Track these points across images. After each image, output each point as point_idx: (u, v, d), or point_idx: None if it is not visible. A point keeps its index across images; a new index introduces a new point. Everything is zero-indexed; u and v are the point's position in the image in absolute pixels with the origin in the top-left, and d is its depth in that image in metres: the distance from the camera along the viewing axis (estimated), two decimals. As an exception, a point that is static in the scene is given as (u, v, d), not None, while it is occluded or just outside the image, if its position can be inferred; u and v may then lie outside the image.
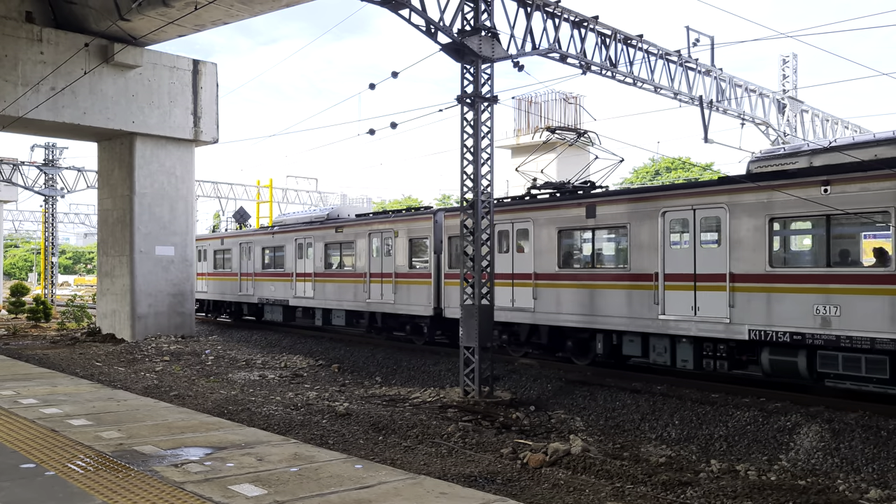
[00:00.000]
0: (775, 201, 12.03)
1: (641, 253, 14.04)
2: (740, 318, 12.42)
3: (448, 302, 18.24)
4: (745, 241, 12.43)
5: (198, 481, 6.13)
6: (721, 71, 23.50)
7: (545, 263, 15.94)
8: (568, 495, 8.25)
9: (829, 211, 11.36)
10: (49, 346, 23.22)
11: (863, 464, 9.84)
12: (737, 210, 12.54)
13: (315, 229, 23.61)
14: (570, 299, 15.30)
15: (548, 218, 15.90)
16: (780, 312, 11.92)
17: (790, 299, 11.80)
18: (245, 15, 21.16)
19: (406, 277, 19.67)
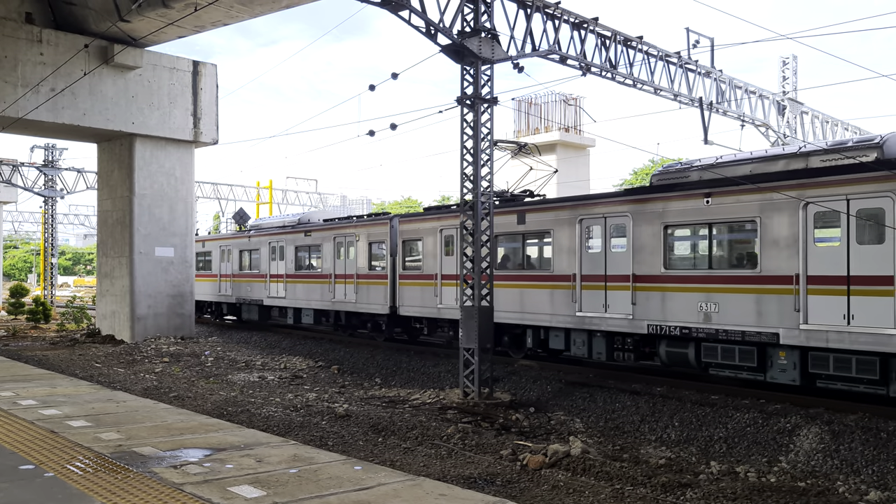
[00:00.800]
0: (669, 210, 13.68)
1: (562, 256, 15.58)
2: (641, 315, 13.99)
3: (402, 301, 19.83)
4: (645, 246, 13.99)
5: (197, 483, 6.13)
6: (721, 72, 23.51)
7: None
8: (567, 497, 8.24)
9: (710, 220, 13.09)
10: (48, 347, 23.21)
11: (862, 465, 9.83)
12: (639, 218, 14.11)
13: (287, 233, 25.12)
14: (505, 298, 16.52)
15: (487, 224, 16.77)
16: (672, 309, 13.51)
17: (680, 297, 13.40)
18: (245, 16, 21.16)
19: (366, 278, 21.14)
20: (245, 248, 27.76)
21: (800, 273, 11.76)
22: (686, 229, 13.76)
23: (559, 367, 16.07)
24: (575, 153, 40.33)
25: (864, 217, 11.11)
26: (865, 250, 11.10)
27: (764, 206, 12.34)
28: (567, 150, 39.96)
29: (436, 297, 18.73)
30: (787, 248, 12.00)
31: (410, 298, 19.42)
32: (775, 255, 12.16)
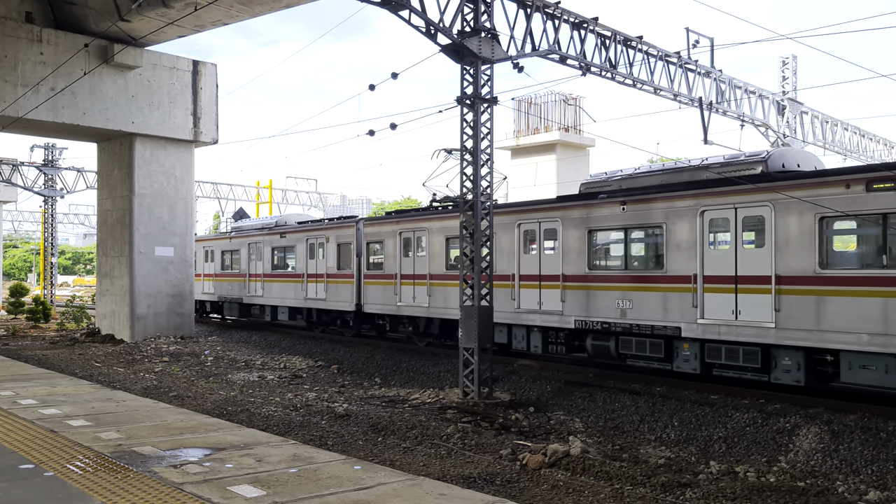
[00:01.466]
0: (592, 216, 15.05)
1: (503, 257, 16.82)
2: (569, 311, 15.36)
3: (367, 299, 21.26)
4: (572, 249, 15.39)
5: (197, 482, 6.13)
6: (721, 72, 23.51)
7: (436, 265, 18.74)
8: (567, 497, 8.24)
9: (625, 225, 14.53)
10: (48, 346, 23.21)
11: (862, 465, 9.84)
12: (567, 223, 15.49)
13: (264, 235, 26.49)
14: (455, 296, 17.28)
15: (439, 227, 18.78)
16: (595, 306, 14.85)
17: (601, 295, 14.80)
18: (245, 16, 21.16)
19: (335, 277, 22.55)
20: (227, 249, 28.99)
21: (697, 273, 13.16)
22: (606, 233, 15.16)
23: (559, 367, 16.09)
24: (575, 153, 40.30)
25: (748, 223, 12.58)
26: (750, 253, 12.52)
27: (669, 213, 13.76)
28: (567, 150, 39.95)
29: (395, 295, 20.08)
30: (687, 250, 13.39)
31: (374, 297, 20.90)
32: (678, 257, 13.57)
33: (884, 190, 10.87)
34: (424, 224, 19.16)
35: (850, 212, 11.33)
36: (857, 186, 11.25)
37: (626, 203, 14.45)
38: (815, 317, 11.57)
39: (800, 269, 11.82)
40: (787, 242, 12.01)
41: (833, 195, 11.47)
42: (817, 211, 11.63)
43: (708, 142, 22.68)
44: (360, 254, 21.56)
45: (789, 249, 11.98)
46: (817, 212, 11.63)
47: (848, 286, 11.28)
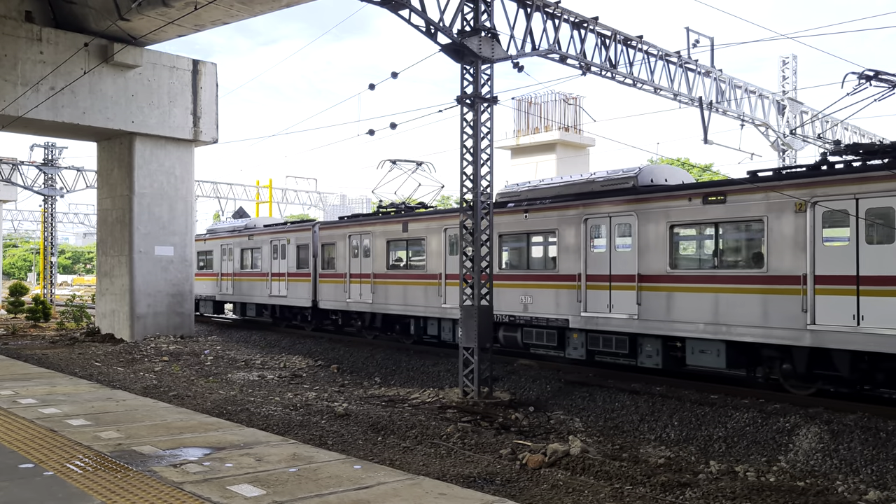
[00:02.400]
0: (501, 222, 16.81)
1: (432, 258, 18.74)
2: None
3: (321, 296, 23.18)
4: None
5: (196, 481, 6.13)
6: (721, 72, 23.50)
7: (379, 265, 20.71)
8: (567, 496, 8.24)
9: (527, 230, 16.58)
10: (48, 345, 23.21)
11: (862, 465, 9.84)
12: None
13: (234, 237, 28.42)
14: (394, 293, 19.98)
15: (381, 231, 20.73)
16: (505, 302, 16.66)
17: (509, 292, 16.74)
18: (245, 15, 21.15)
19: (295, 276, 24.53)
20: (201, 250, 30.77)
21: (581, 273, 15.14)
22: (512, 238, 17.15)
23: (559, 367, 16.09)
24: (575, 153, 40.31)
25: (620, 230, 14.61)
26: (621, 255, 14.56)
27: (560, 220, 15.70)
28: (567, 150, 39.96)
29: (345, 292, 22.01)
30: (574, 253, 15.37)
31: (327, 294, 22.90)
32: (567, 259, 15.50)
33: (716, 203, 12.98)
34: (369, 228, 21.16)
35: (691, 221, 13.51)
36: (696, 200, 13.28)
37: (528, 211, 16.50)
38: (667, 309, 13.66)
39: (656, 269, 13.87)
40: (648, 246, 14.00)
41: (679, 207, 13.58)
42: (668, 220, 13.71)
43: (708, 141, 22.68)
44: (316, 255, 23.52)
45: (649, 252, 14.00)
46: (668, 220, 13.72)
47: (689, 283, 13.41)
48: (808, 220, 11.70)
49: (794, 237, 11.88)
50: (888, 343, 10.73)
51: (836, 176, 11.54)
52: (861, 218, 11.05)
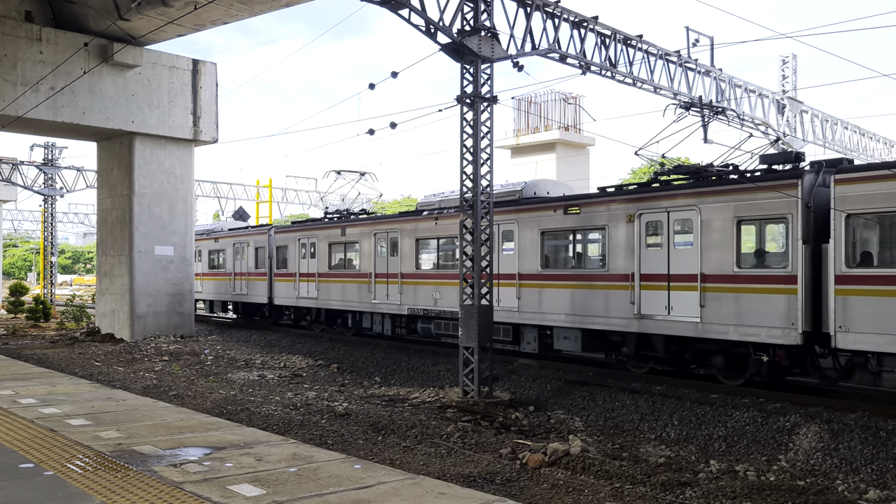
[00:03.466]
0: (418, 228, 19.48)
1: (364, 259, 21.52)
2: (405, 301, 19.76)
3: (276, 293, 25.96)
4: (406, 253, 19.83)
5: (196, 481, 6.13)
6: (721, 71, 23.50)
7: (322, 266, 23.43)
8: (567, 495, 8.24)
9: (437, 235, 19.03)
10: (48, 345, 23.21)
11: (862, 464, 9.84)
12: (403, 234, 20.00)
13: (202, 239, 30.73)
14: (335, 291, 22.71)
15: (324, 235, 23.37)
16: (420, 297, 19.12)
17: (424, 289, 19.10)
18: (244, 15, 21.14)
19: (254, 276, 27.19)
20: None
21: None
22: (427, 242, 19.47)
23: (559, 366, 16.10)
24: (574, 152, 40.32)
25: (505, 236, 17.13)
26: (506, 256, 17.02)
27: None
28: (566, 149, 39.98)
29: (295, 290, 24.59)
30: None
31: (281, 291, 25.51)
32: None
33: (573, 214, 15.32)
34: (315, 233, 23.89)
35: (556, 228, 15.98)
36: (559, 211, 15.80)
37: (438, 219, 18.89)
38: (539, 303, 16.10)
39: (531, 269, 16.39)
40: (525, 249, 16.52)
41: (548, 216, 16.08)
42: (540, 227, 16.18)
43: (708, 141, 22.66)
44: (272, 256, 26.10)
45: (526, 254, 16.49)
46: (540, 228, 16.18)
47: (555, 281, 15.90)
48: (636, 229, 14.27)
49: (626, 242, 14.46)
50: (689, 328, 13.33)
51: (654, 193, 14.22)
52: (670, 226, 13.82)
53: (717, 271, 12.98)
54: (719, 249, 12.95)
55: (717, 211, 13.04)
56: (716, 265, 13.01)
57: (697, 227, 13.28)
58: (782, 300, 12.06)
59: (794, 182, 12.05)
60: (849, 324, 11.23)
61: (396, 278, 20.02)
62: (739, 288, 12.66)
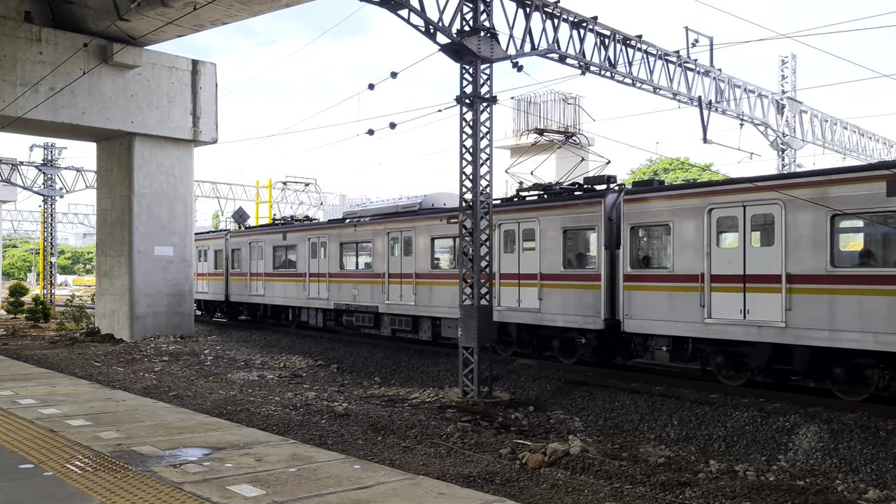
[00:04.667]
0: (342, 234, 22.49)
1: (301, 260, 24.38)
2: (332, 298, 22.80)
3: (231, 291, 28.54)
4: (332, 255, 22.85)
5: (196, 482, 6.13)
6: (720, 71, 23.51)
7: (268, 266, 26.14)
8: (567, 496, 8.25)
9: (356, 240, 21.89)
10: (48, 346, 23.21)
11: (861, 464, 9.85)
12: (331, 238, 23.00)
13: None
14: (279, 289, 25.62)
15: (269, 240, 26.35)
16: (342, 294, 22.25)
17: (346, 287, 22.18)
18: (244, 15, 21.14)
19: (213, 276, 29.82)
20: None
21: (385, 272, 20.43)
22: (348, 245, 22.38)
23: (559, 367, 16.09)
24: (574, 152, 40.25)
25: (404, 241, 19.88)
26: (406, 259, 19.70)
27: (373, 233, 21.03)
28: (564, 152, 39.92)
29: (247, 288, 27.33)
30: (381, 257, 20.71)
31: (235, 289, 28.33)
32: (377, 262, 20.84)
33: (455, 222, 16.12)
34: (263, 237, 26.67)
35: (441, 235, 18.75)
36: (444, 220, 18.39)
37: (357, 226, 21.74)
38: (429, 298, 18.84)
39: (423, 268, 19.11)
40: (419, 252, 19.25)
41: (436, 224, 18.79)
42: (431, 234, 18.98)
43: (707, 141, 22.68)
44: (228, 258, 28.74)
45: (419, 256, 19.29)
46: (430, 234, 18.99)
47: (440, 279, 18.64)
48: (497, 236, 16.78)
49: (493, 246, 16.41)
50: (531, 317, 16.22)
51: (508, 207, 17.13)
52: (520, 234, 16.64)
53: (550, 271, 15.82)
54: (551, 253, 15.82)
55: (550, 222, 15.89)
56: (549, 266, 15.87)
57: (538, 235, 16.10)
58: (591, 294, 14.95)
59: (600, 200, 14.96)
60: (632, 312, 14.16)
61: (325, 278, 23.01)
62: (564, 284, 15.57)
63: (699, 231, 13.11)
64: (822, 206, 11.56)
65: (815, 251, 11.65)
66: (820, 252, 11.58)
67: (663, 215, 13.73)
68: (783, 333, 11.88)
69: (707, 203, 13.03)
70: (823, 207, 11.54)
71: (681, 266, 13.38)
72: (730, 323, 12.53)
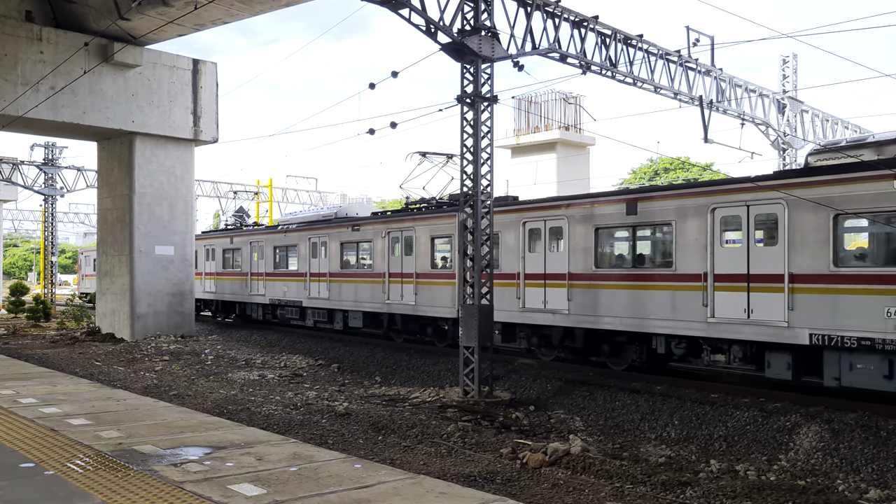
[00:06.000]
0: (275, 238, 26.06)
1: (244, 261, 27.86)
2: (269, 294, 26.16)
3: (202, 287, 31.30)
4: (268, 257, 26.40)
5: (197, 481, 6.13)
6: (721, 71, 23.49)
7: (219, 266, 29.80)
8: (567, 495, 8.24)
9: (284, 244, 25.61)
10: (48, 345, 23.22)
11: (862, 464, 9.84)
12: (266, 243, 26.47)
13: None
14: (227, 286, 29.02)
15: (219, 243, 29.92)
16: (273, 291, 25.76)
17: (278, 284, 25.67)
18: (244, 14, 21.14)
19: None
20: None
21: (307, 271, 24.03)
22: (280, 248, 25.85)
23: (559, 366, 16.09)
24: (575, 152, 40.30)
25: (318, 245, 23.54)
26: (322, 260, 23.27)
27: (299, 238, 24.55)
28: (567, 149, 39.94)
29: (202, 286, 30.39)
30: (304, 259, 24.18)
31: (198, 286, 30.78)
32: (302, 263, 24.30)
33: (357, 230, 21.74)
34: (214, 241, 30.21)
35: (347, 240, 22.44)
36: (348, 229, 22.22)
37: (287, 232, 25.29)
38: (339, 294, 22.61)
39: (334, 269, 22.84)
40: (332, 255, 22.96)
41: (344, 231, 22.48)
42: (340, 239, 22.62)
43: (708, 140, 22.66)
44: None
45: (332, 258, 22.92)
46: (340, 240, 22.62)
47: (346, 278, 22.42)
48: (386, 242, 20.75)
49: (381, 251, 20.88)
50: (409, 308, 19.81)
51: (392, 218, 21.07)
52: (402, 241, 20.15)
53: (423, 270, 19.35)
54: (424, 257, 19.37)
55: (422, 231, 19.57)
56: (423, 266, 19.36)
57: (413, 242, 19.81)
58: (449, 289, 18.41)
59: (454, 214, 17.71)
60: None
61: (262, 276, 26.49)
62: (433, 282, 19.09)
63: (516, 239, 16.73)
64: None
65: (586, 255, 15.31)
66: (588, 257, 15.32)
67: (497, 226, 16.40)
68: (567, 318, 15.49)
69: (522, 218, 16.69)
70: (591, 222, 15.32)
71: (507, 266, 16.91)
72: (538, 311, 16.20)
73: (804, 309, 11.78)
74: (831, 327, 11.43)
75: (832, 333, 11.42)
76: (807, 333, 11.75)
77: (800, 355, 12.21)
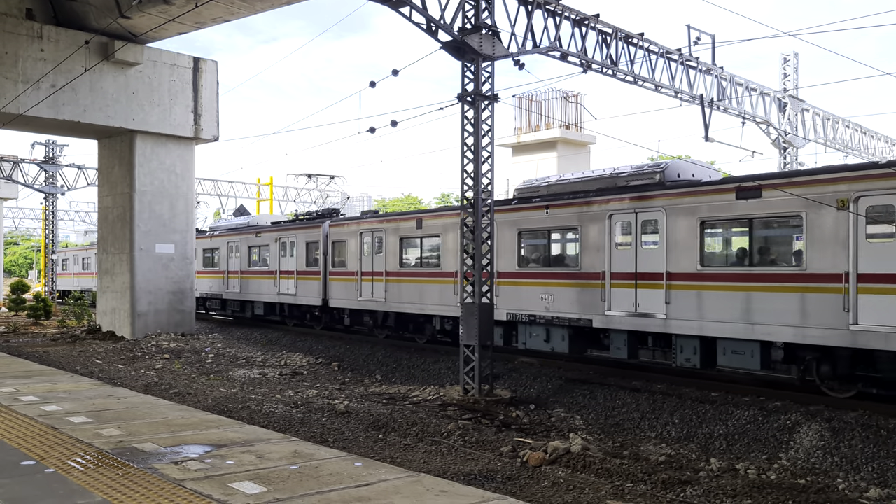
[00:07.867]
0: (249, 238, 27.83)
1: (220, 260, 30.03)
2: (241, 290, 28.10)
3: None
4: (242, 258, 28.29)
5: (197, 479, 6.13)
6: (722, 69, 23.47)
7: (198, 265, 29.81)
8: (568, 493, 8.25)
9: (256, 244, 27.41)
10: (49, 343, 23.23)
11: (862, 463, 9.84)
12: (241, 243, 28.34)
13: None
14: (208, 284, 30.72)
15: (198, 243, 29.96)
16: (249, 289, 27.63)
17: (254, 282, 27.32)
18: (245, 12, 21.12)
19: None
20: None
21: (277, 270, 25.79)
22: (255, 248, 27.60)
23: (559, 365, 16.09)
24: (575, 150, 40.26)
25: (283, 246, 25.43)
26: (284, 259, 25.45)
27: (270, 239, 26.33)
28: (568, 148, 39.91)
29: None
30: (274, 259, 25.97)
31: None
32: (272, 262, 25.97)
33: (259, 236, 26.21)
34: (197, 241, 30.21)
35: (254, 244, 26.56)
36: (318, 228, 23.60)
37: (258, 234, 27.26)
38: (247, 288, 27.01)
39: (244, 267, 27.05)
40: (242, 256, 27.28)
41: (311, 230, 24.02)
42: (248, 244, 27.41)
43: (709, 139, 22.64)
44: None
45: (241, 259, 27.28)
46: (248, 244, 27.42)
47: (254, 275, 26.77)
48: (278, 246, 25.56)
49: (275, 252, 25.61)
50: (293, 299, 24.69)
51: (286, 226, 25.73)
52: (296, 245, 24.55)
53: (301, 268, 24.38)
54: (301, 258, 24.19)
55: (299, 238, 24.48)
56: (301, 265, 24.30)
57: (295, 246, 24.69)
58: (316, 284, 23.31)
59: (321, 224, 23.43)
60: (331, 294, 22.82)
61: (237, 274, 28.61)
62: (307, 277, 23.91)
63: (357, 244, 21.51)
64: None
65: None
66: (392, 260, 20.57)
67: (344, 235, 22.17)
68: (384, 304, 20.39)
69: (360, 228, 21.51)
70: None
71: (352, 266, 21.70)
72: (370, 300, 20.97)
73: None
74: None
75: None
76: None
77: None
